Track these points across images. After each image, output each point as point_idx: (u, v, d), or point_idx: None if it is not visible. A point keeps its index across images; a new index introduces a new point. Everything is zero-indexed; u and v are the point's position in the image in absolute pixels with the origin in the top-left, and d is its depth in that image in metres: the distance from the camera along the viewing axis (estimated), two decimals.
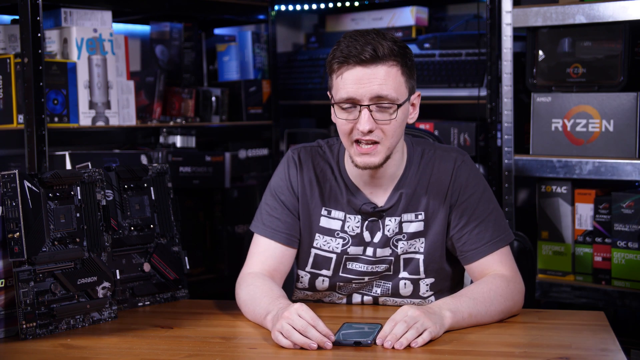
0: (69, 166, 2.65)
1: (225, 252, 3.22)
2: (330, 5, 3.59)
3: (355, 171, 2.03)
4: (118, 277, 2.09)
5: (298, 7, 3.66)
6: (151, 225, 2.17)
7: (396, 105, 1.89)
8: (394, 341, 1.72)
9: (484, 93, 3.04)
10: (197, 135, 3.08)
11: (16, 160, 2.76)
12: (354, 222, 2.04)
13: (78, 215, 1.99)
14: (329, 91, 1.98)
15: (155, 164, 2.26)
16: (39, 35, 2.54)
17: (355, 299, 2.10)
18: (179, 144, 3.01)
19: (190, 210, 3.15)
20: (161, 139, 2.99)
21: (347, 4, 3.55)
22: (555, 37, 2.80)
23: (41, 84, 2.55)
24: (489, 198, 2.03)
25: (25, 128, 2.55)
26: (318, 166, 2.08)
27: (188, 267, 2.24)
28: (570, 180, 2.83)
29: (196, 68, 3.39)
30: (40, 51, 2.54)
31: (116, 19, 2.97)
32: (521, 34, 2.92)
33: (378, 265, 2.04)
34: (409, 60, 1.93)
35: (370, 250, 2.04)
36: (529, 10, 2.80)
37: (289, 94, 3.61)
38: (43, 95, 2.56)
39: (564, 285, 2.83)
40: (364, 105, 1.88)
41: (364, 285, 2.07)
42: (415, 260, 2.03)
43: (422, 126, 3.14)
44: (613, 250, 2.72)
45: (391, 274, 2.05)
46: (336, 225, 2.05)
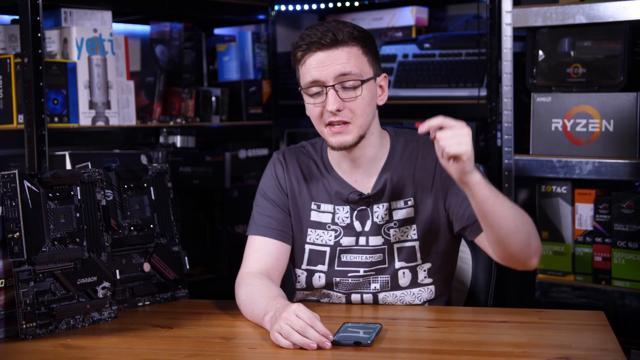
0: (69, 166, 2.65)
1: (225, 252, 3.22)
2: (330, 5, 3.59)
3: (339, 161, 2.07)
4: (118, 277, 2.09)
5: (298, 7, 3.66)
6: (151, 225, 2.17)
7: (360, 82, 1.95)
8: (434, 127, 1.79)
9: (484, 93, 3.04)
10: (197, 135, 3.08)
11: (16, 160, 2.76)
12: (343, 213, 2.07)
13: (78, 215, 1.99)
14: (299, 85, 2.03)
15: (155, 164, 2.26)
16: (39, 35, 2.54)
17: (355, 298, 2.10)
18: (179, 144, 3.01)
19: (190, 210, 3.15)
20: (161, 139, 2.99)
21: (347, 4, 3.55)
22: (555, 37, 2.80)
23: (41, 84, 2.55)
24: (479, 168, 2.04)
25: (25, 128, 2.55)
26: (303, 163, 2.13)
27: (188, 267, 2.24)
28: (570, 180, 2.83)
29: (196, 68, 3.39)
30: (40, 51, 2.54)
31: (116, 19, 2.97)
32: (521, 34, 2.92)
33: (372, 255, 2.06)
34: (371, 44, 2.01)
35: (363, 240, 2.06)
36: (529, 10, 2.80)
37: (289, 94, 3.61)
38: (43, 95, 2.56)
39: (564, 285, 2.83)
40: (329, 85, 1.94)
41: (361, 282, 2.08)
42: (409, 247, 2.06)
43: None
44: (613, 250, 2.72)
45: (386, 266, 2.06)
46: (326, 218, 2.08)
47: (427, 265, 2.07)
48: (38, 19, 2.53)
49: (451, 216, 2.04)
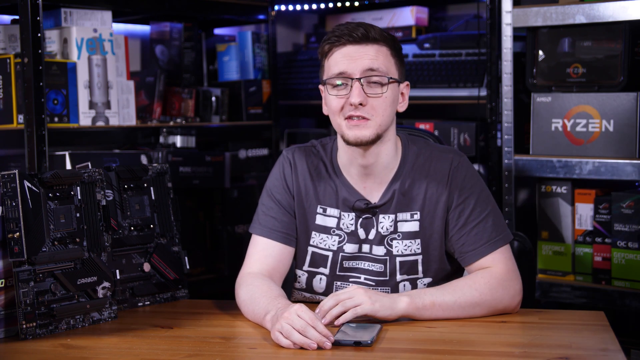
0: (69, 166, 2.65)
1: (225, 252, 3.22)
2: (330, 5, 3.59)
3: (349, 166, 2.05)
4: (118, 277, 2.09)
5: (298, 7, 3.66)
6: (151, 225, 2.17)
7: (387, 79, 1.95)
8: (322, 314, 1.82)
9: (484, 93, 3.04)
10: (197, 135, 3.08)
11: (16, 160, 2.76)
12: (348, 220, 2.05)
13: (78, 215, 1.99)
14: (320, 81, 2.03)
15: (155, 164, 2.26)
16: (39, 35, 2.54)
17: None
18: (179, 144, 3.01)
19: (190, 210, 3.15)
20: (161, 139, 2.99)
21: (347, 4, 3.55)
22: (555, 37, 2.80)
23: (41, 84, 2.55)
24: (486, 199, 2.03)
25: (25, 128, 2.55)
26: (312, 165, 2.10)
27: (188, 267, 2.24)
28: (570, 180, 2.83)
29: (196, 68, 3.39)
30: (40, 51, 2.54)
31: (116, 19, 2.97)
32: (521, 34, 2.92)
33: (374, 264, 2.04)
34: (399, 49, 2.01)
35: (367, 247, 2.05)
36: (529, 10, 2.80)
37: (289, 94, 3.61)
38: (43, 95, 2.56)
39: (564, 285, 2.83)
40: (356, 78, 1.93)
41: None
42: (412, 262, 2.03)
43: (422, 126, 3.14)
44: (613, 250, 2.72)
45: (387, 278, 2.04)
46: (331, 222, 2.06)
47: (428, 280, 2.05)
48: (38, 19, 2.53)
49: (449, 234, 2.03)
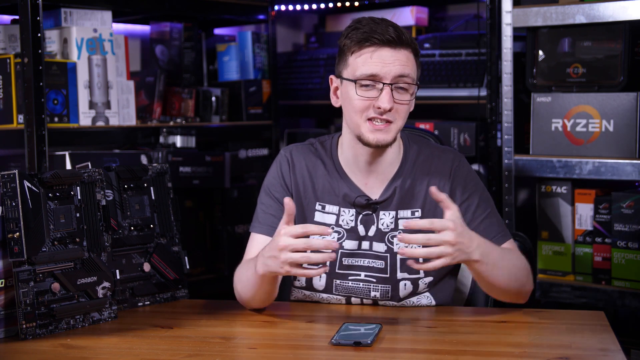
0: (69, 166, 2.65)
1: (225, 252, 3.22)
2: (330, 5, 3.59)
3: (352, 162, 2.05)
4: (118, 277, 2.08)
5: (298, 7, 3.66)
6: (151, 225, 2.17)
7: (414, 87, 1.96)
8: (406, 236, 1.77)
9: (484, 93, 3.04)
10: (197, 135, 3.08)
11: (16, 160, 2.76)
12: (348, 216, 2.06)
13: (78, 215, 1.99)
14: (337, 72, 2.01)
15: (155, 164, 2.26)
16: (39, 35, 2.54)
17: (355, 302, 2.09)
18: (179, 144, 3.01)
19: (190, 210, 3.15)
20: (161, 139, 2.99)
21: (347, 4, 3.55)
22: (555, 37, 2.80)
23: (41, 84, 2.55)
24: (487, 199, 2.06)
25: (25, 128, 2.55)
26: (310, 162, 2.10)
27: (188, 267, 2.24)
28: (570, 180, 2.83)
29: (196, 68, 3.39)
30: (40, 51, 2.54)
31: (116, 19, 2.97)
32: (521, 34, 2.92)
33: (374, 260, 2.04)
34: (418, 51, 2.02)
35: (367, 244, 2.05)
36: (529, 10, 2.80)
37: (289, 94, 3.61)
38: (43, 95, 2.56)
39: (564, 285, 2.83)
40: (387, 83, 1.92)
41: (361, 288, 2.06)
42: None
43: (422, 126, 3.14)
44: (613, 250, 2.72)
45: (388, 276, 2.04)
46: (330, 219, 2.06)
47: (429, 279, 2.05)
48: (38, 19, 2.53)
49: None
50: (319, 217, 2.08)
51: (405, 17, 3.48)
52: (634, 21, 2.65)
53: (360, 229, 2.05)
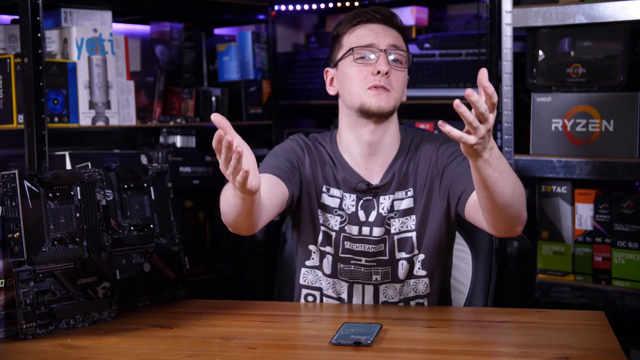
0: (69, 166, 2.65)
1: (225, 252, 3.22)
2: (330, 5, 3.59)
3: (352, 147, 2.11)
4: (118, 277, 2.08)
5: (298, 7, 3.66)
6: (151, 225, 2.17)
7: (406, 58, 2.08)
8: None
9: None
10: (197, 135, 3.08)
11: (16, 160, 2.76)
12: (349, 201, 2.11)
13: (78, 215, 1.99)
14: (332, 60, 2.12)
15: (155, 164, 2.26)
16: (39, 35, 2.54)
17: (357, 289, 2.11)
18: (179, 144, 3.01)
19: (190, 210, 3.15)
20: (161, 139, 2.99)
21: (347, 4, 3.55)
22: (555, 37, 2.80)
23: (41, 84, 2.55)
24: None
25: (25, 128, 2.55)
26: (317, 150, 2.17)
27: (188, 267, 2.24)
28: (570, 180, 2.83)
29: (196, 68, 3.39)
30: (40, 51, 2.54)
31: (116, 19, 2.97)
32: (521, 34, 2.92)
33: (375, 245, 2.09)
34: (408, 39, 2.15)
35: (367, 230, 2.09)
36: (529, 10, 2.80)
37: (289, 94, 3.61)
38: (43, 95, 2.56)
39: (564, 285, 2.83)
40: (382, 50, 2.04)
41: (363, 272, 2.10)
42: (408, 238, 2.09)
43: (422, 126, 3.14)
44: (613, 250, 2.72)
45: (387, 257, 2.09)
46: (334, 203, 2.12)
47: (422, 257, 2.10)
48: (38, 19, 2.53)
49: (450, 195, 2.05)
50: (325, 199, 2.13)
51: (405, 17, 3.48)
52: (634, 21, 2.65)
53: (361, 215, 2.10)
